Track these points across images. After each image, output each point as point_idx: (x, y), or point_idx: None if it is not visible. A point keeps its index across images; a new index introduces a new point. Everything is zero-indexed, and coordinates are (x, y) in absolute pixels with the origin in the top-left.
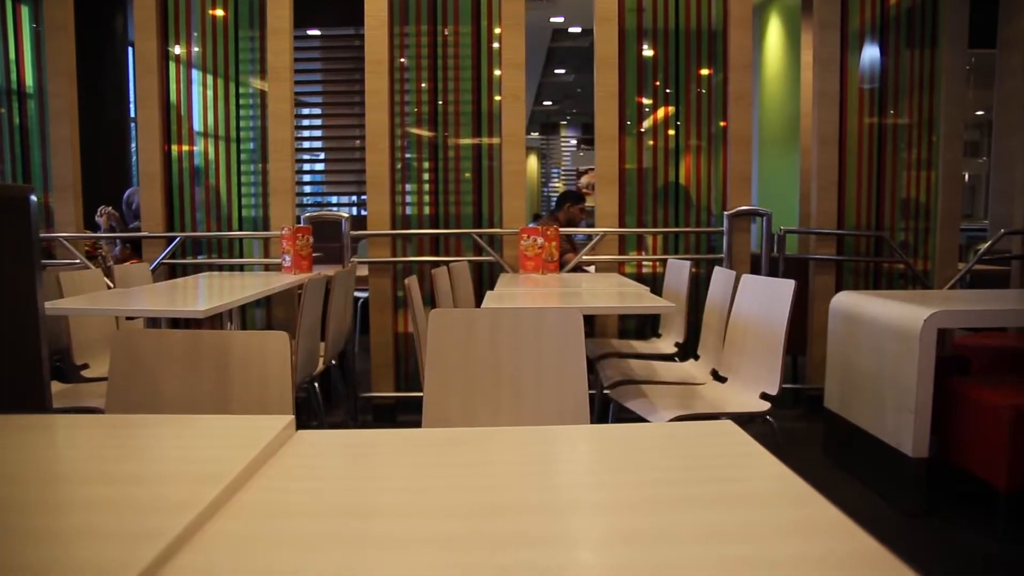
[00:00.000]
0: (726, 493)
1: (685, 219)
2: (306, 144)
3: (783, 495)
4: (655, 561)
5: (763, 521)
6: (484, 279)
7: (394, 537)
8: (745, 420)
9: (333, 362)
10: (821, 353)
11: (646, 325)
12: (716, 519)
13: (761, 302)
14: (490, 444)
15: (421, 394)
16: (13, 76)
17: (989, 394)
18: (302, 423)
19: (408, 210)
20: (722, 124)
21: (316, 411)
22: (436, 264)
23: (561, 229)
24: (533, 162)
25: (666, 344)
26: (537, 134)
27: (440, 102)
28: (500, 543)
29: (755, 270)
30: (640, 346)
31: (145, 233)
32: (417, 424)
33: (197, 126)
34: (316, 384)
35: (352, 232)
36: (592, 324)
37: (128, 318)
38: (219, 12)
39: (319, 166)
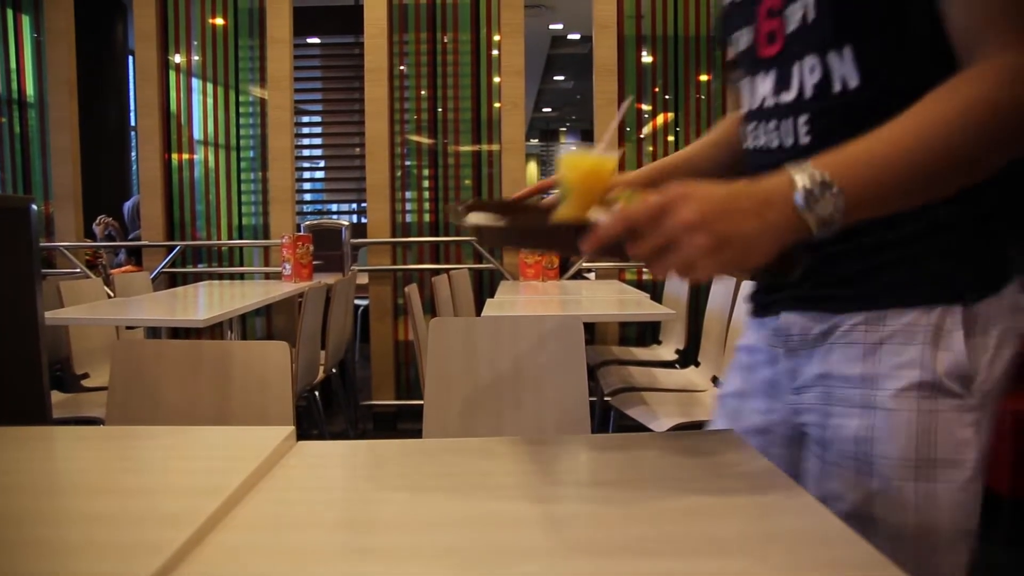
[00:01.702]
0: (726, 504)
1: None
2: (306, 152)
3: (783, 506)
4: (656, 572)
5: (763, 532)
6: (484, 287)
7: (395, 549)
8: None
9: (334, 370)
10: None
11: (646, 332)
12: (715, 530)
13: None
14: (491, 454)
15: (422, 402)
16: (14, 85)
17: None
18: (303, 431)
19: (408, 218)
20: None
21: (317, 420)
22: (436, 272)
23: None
24: (533, 169)
25: (667, 351)
26: (537, 141)
27: (440, 109)
28: (502, 554)
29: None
30: (641, 353)
31: (145, 242)
32: (418, 432)
33: (197, 134)
34: (316, 393)
35: (352, 240)
36: (592, 331)
37: (128, 327)
38: (219, 21)
39: (319, 174)
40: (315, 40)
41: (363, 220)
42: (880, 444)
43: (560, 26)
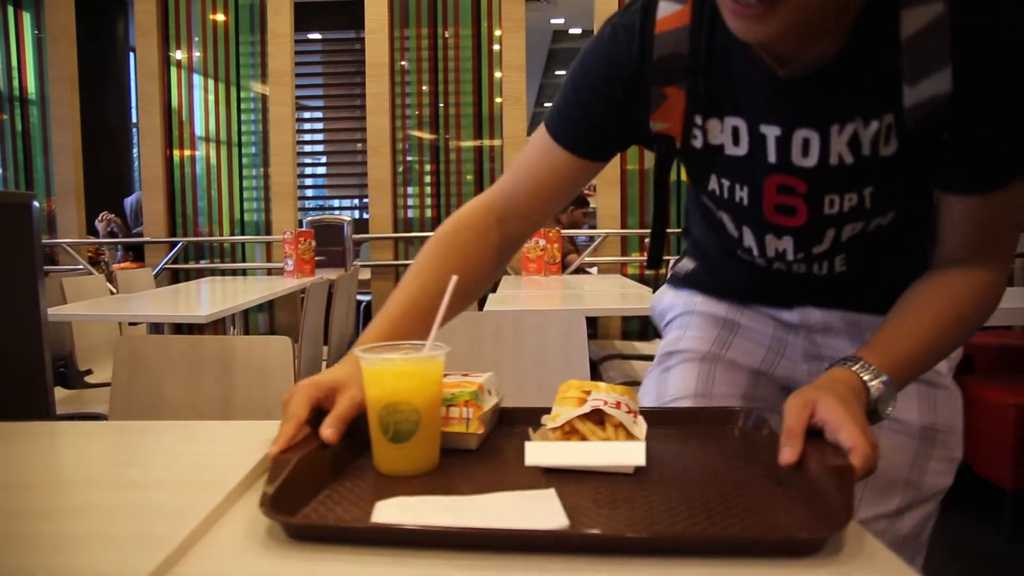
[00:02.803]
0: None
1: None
2: (308, 148)
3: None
4: (655, 568)
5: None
6: None
7: (399, 543)
8: None
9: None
10: None
11: (649, 326)
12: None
13: None
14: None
15: None
16: (15, 82)
17: (994, 393)
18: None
19: (410, 213)
20: None
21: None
22: None
23: (563, 231)
24: None
25: None
26: None
27: (441, 105)
28: (506, 551)
29: None
30: (643, 347)
31: (147, 238)
32: None
33: (199, 131)
34: None
35: (354, 235)
36: (595, 326)
37: (131, 323)
38: (220, 17)
39: (321, 170)
40: (316, 35)
41: (365, 216)
42: (944, 418)
43: (562, 20)
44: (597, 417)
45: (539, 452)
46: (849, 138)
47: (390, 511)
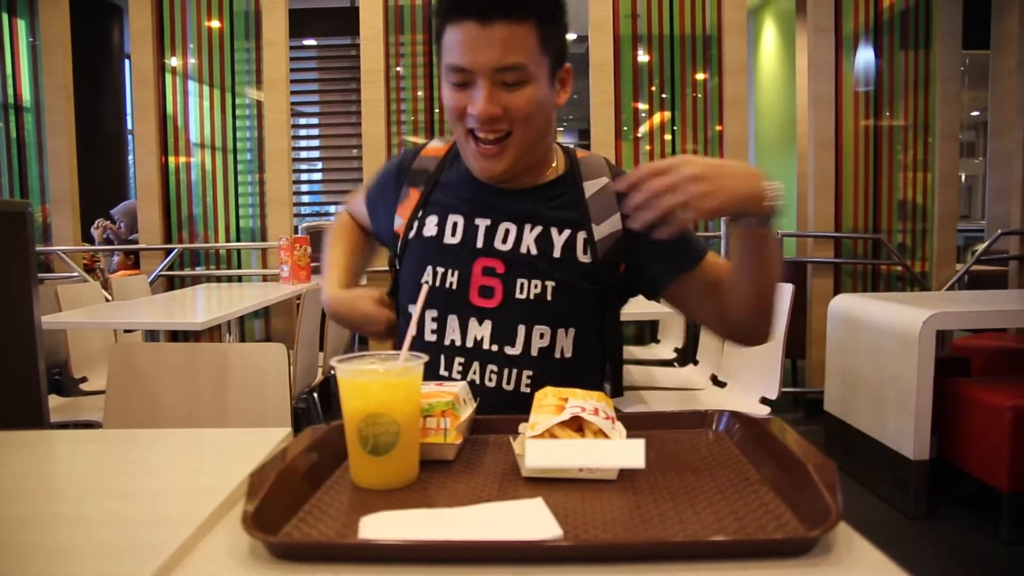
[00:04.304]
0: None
1: None
2: (303, 154)
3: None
4: (649, 574)
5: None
6: None
7: (392, 559)
8: None
9: (332, 372)
10: (820, 356)
11: (645, 331)
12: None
13: None
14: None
15: None
16: (10, 90)
17: (989, 395)
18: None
19: None
20: (718, 128)
21: (315, 422)
22: None
23: None
24: None
25: (665, 349)
26: None
27: (436, 110)
28: (506, 553)
29: None
30: (639, 352)
31: (143, 245)
32: None
33: (194, 138)
34: (315, 395)
35: None
36: None
37: (126, 331)
38: (215, 24)
39: (316, 176)
40: (311, 42)
41: None
42: None
43: None
44: (576, 424)
45: (540, 452)
46: (537, 235)
47: (378, 526)
